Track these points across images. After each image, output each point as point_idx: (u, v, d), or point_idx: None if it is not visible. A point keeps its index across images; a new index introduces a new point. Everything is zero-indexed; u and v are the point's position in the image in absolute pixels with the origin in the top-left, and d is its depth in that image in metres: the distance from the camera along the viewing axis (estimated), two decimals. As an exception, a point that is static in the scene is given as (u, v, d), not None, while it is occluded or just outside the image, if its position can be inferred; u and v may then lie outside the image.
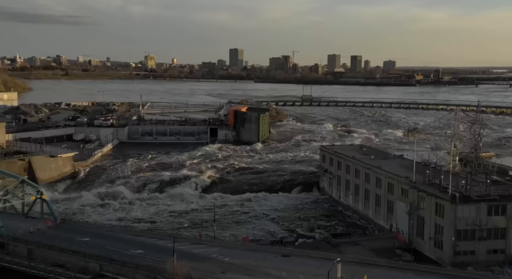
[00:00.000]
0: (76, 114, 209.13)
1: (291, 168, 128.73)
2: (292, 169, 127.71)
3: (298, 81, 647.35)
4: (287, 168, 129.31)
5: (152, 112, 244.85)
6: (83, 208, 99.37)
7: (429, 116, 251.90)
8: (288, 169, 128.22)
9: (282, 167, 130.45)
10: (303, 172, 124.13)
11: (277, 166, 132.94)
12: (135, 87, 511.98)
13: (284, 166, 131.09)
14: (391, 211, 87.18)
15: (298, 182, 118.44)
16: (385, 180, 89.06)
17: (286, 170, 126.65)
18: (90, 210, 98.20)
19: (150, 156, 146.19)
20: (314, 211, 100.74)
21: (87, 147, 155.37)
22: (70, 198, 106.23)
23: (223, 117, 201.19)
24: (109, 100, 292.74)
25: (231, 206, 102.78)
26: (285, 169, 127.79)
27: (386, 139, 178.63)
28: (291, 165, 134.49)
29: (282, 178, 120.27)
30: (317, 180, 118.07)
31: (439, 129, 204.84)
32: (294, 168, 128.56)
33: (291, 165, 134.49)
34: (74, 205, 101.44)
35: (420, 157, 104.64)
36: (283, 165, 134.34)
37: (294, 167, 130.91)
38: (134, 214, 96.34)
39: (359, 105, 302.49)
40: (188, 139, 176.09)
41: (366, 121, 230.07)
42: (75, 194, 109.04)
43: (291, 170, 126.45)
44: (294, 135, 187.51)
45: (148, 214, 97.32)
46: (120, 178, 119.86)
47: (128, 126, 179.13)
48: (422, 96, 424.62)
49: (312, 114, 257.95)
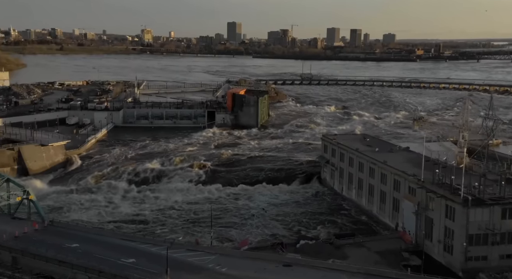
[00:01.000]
0: (70, 96, 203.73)
1: (291, 157, 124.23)
2: (292, 158, 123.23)
3: (296, 56, 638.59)
4: (287, 156, 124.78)
5: (148, 93, 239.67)
6: (72, 203, 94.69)
7: (431, 96, 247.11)
8: (288, 157, 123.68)
9: (281, 155, 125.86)
10: (303, 162, 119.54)
11: (276, 154, 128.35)
12: (131, 64, 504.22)
13: (284, 155, 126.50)
14: (397, 210, 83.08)
15: (298, 173, 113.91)
16: (391, 176, 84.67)
17: (285, 159, 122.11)
18: (80, 206, 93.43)
19: (145, 143, 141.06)
20: (315, 206, 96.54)
21: (80, 133, 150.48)
22: (59, 191, 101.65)
23: (221, 99, 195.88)
24: (104, 78, 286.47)
25: (228, 201, 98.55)
26: (284, 158, 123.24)
27: (389, 123, 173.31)
28: (291, 153, 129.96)
29: (282, 168, 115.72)
30: (318, 170, 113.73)
31: (444, 110, 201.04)
32: (294, 157, 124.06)
33: (291, 153, 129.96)
34: (63, 200, 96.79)
35: (427, 149, 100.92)
36: (282, 153, 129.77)
37: (294, 155, 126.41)
38: (125, 210, 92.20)
39: (359, 84, 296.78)
40: (184, 123, 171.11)
41: (367, 102, 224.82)
42: (64, 187, 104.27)
43: (291, 159, 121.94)
44: (293, 118, 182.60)
45: (140, 210, 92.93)
46: (112, 168, 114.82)
47: (123, 109, 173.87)
48: (423, 73, 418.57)
49: (311, 94, 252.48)
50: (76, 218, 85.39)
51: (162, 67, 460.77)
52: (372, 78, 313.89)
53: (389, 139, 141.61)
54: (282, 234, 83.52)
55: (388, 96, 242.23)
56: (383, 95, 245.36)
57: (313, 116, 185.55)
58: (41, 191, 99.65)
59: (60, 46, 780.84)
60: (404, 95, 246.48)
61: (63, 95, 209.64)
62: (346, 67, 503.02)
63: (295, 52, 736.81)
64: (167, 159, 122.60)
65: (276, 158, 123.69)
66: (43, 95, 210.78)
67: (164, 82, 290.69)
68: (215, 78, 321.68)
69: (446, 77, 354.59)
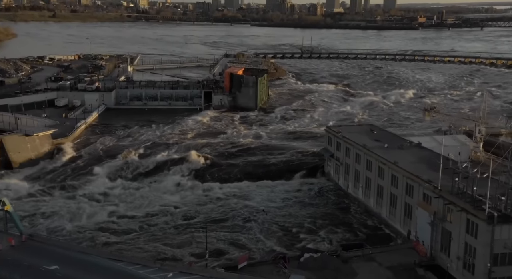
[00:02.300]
0: (60, 73, 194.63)
1: (291, 146, 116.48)
2: (293, 147, 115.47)
3: (295, 25, 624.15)
4: (288, 146, 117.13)
5: (142, 69, 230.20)
6: (53, 206, 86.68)
7: (437, 71, 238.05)
8: (289, 147, 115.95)
9: (281, 144, 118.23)
10: (305, 152, 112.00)
11: (276, 143, 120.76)
12: (125, 33, 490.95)
13: (284, 144, 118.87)
14: (410, 216, 76.26)
15: (300, 165, 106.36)
16: (403, 179, 77.50)
17: (286, 149, 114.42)
18: (60, 210, 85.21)
19: (137, 129, 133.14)
20: (319, 207, 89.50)
21: (69, 116, 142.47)
22: (39, 192, 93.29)
23: (218, 77, 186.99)
24: (97, 51, 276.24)
25: (225, 200, 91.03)
26: (285, 148, 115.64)
27: (395, 105, 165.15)
28: (292, 142, 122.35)
29: (282, 160, 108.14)
30: (321, 163, 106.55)
31: (453, 88, 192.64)
32: (295, 146, 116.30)
33: (292, 142, 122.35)
34: (43, 203, 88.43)
35: (439, 145, 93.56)
36: (283, 141, 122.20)
37: (295, 145, 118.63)
38: (110, 215, 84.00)
39: (361, 57, 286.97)
40: (180, 104, 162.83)
41: (370, 79, 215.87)
42: (45, 187, 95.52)
43: (292, 149, 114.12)
44: (294, 98, 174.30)
45: (127, 212, 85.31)
46: (99, 162, 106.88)
47: (116, 89, 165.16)
48: (426, 44, 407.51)
49: (312, 69, 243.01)
50: (57, 226, 78.17)
51: (157, 37, 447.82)
52: (374, 51, 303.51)
53: (397, 126, 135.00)
54: (283, 241, 76.98)
55: (392, 71, 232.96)
56: (386, 70, 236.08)
57: (314, 96, 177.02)
58: (19, 192, 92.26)
59: (53, 13, 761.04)
60: (408, 70, 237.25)
61: (53, 72, 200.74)
62: (346, 36, 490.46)
63: (294, 19, 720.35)
64: (160, 149, 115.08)
65: (275, 148, 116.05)
66: (32, 72, 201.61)
67: (159, 55, 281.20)
68: (213, 50, 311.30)
69: (450, 49, 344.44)
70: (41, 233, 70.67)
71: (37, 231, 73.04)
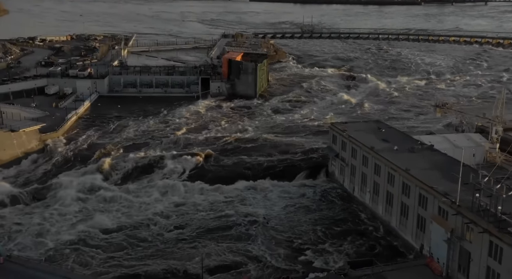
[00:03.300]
0: (51, 57, 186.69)
1: (293, 141, 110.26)
2: (295, 143, 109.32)
3: (295, 0, 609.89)
4: (289, 141, 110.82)
5: (137, 51, 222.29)
6: (35, 216, 80.00)
7: (442, 53, 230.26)
8: (290, 142, 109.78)
9: (282, 140, 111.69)
10: (308, 149, 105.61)
11: (276, 137, 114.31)
12: (120, 9, 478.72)
13: (285, 139, 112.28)
14: (423, 229, 70.62)
15: (302, 164, 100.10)
16: (415, 189, 71.59)
17: (287, 145, 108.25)
18: (42, 220, 78.24)
19: (131, 122, 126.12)
20: (324, 214, 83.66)
21: (60, 106, 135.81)
22: (21, 197, 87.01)
23: (216, 60, 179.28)
24: (91, 30, 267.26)
25: (221, 207, 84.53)
26: (286, 143, 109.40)
27: (401, 92, 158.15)
28: (293, 135, 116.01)
29: (283, 158, 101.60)
30: (325, 162, 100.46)
31: (461, 73, 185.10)
32: (296, 141, 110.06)
33: (293, 135, 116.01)
34: (24, 213, 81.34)
35: (452, 145, 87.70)
36: (283, 135, 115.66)
37: (296, 139, 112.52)
38: (93, 225, 76.97)
39: (363, 37, 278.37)
40: (176, 91, 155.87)
41: (374, 62, 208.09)
42: (29, 188, 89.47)
43: (293, 145, 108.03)
44: (294, 85, 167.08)
45: (113, 221, 78.66)
46: (85, 161, 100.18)
47: (109, 76, 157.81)
48: (429, 21, 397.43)
49: (313, 51, 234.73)
50: (36, 241, 72.23)
51: (153, 14, 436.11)
52: (376, 30, 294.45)
53: (403, 119, 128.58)
54: (286, 256, 71.49)
55: (396, 54, 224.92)
56: (390, 53, 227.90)
57: (315, 82, 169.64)
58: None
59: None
60: (412, 52, 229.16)
61: (44, 55, 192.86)
62: (347, 13, 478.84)
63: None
64: (152, 146, 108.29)
65: (276, 144, 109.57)
66: (22, 55, 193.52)
67: (155, 35, 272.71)
68: (211, 29, 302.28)
69: (455, 27, 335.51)
70: (21, 254, 64.60)
71: (17, 249, 67.26)
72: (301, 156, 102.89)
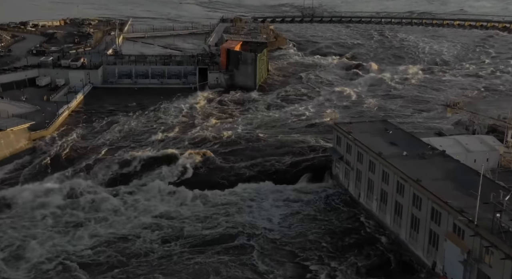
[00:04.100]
0: (43, 44, 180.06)
1: (294, 140, 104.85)
2: (296, 141, 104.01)
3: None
4: (290, 139, 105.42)
5: (133, 37, 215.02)
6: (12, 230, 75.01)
7: (448, 38, 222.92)
8: (291, 141, 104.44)
9: (283, 138, 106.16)
10: (310, 149, 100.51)
11: (275, 135, 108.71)
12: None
13: (285, 137, 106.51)
14: (435, 246, 66.05)
15: (304, 165, 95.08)
16: (427, 202, 66.81)
17: (287, 144, 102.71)
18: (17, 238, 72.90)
19: (123, 117, 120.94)
20: (329, 224, 78.90)
21: (52, 100, 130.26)
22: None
23: (214, 48, 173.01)
24: (86, 13, 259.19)
25: (216, 216, 79.43)
26: (287, 142, 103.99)
27: (406, 83, 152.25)
28: (295, 132, 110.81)
29: (283, 159, 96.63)
30: (329, 163, 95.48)
31: (467, 61, 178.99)
32: (297, 140, 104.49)
33: (295, 132, 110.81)
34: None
35: (464, 149, 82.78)
36: (282, 133, 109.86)
37: (298, 136, 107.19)
38: (77, 239, 72.17)
39: (365, 21, 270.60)
40: (173, 82, 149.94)
41: (376, 49, 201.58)
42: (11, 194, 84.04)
43: (294, 144, 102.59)
44: (295, 74, 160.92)
45: (101, 237, 73.12)
46: (71, 163, 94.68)
47: (103, 66, 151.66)
48: (431, 3, 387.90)
49: (314, 36, 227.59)
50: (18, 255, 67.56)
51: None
52: (379, 14, 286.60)
53: (409, 114, 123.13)
54: (289, 271, 67.16)
55: (399, 40, 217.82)
56: (393, 38, 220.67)
57: (317, 72, 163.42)
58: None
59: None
60: (416, 37, 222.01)
61: (36, 42, 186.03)
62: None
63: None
64: (144, 145, 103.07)
65: (275, 143, 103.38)
66: (13, 42, 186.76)
67: (152, 19, 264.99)
68: (209, 13, 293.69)
69: (459, 9, 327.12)
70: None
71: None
72: (303, 157, 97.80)
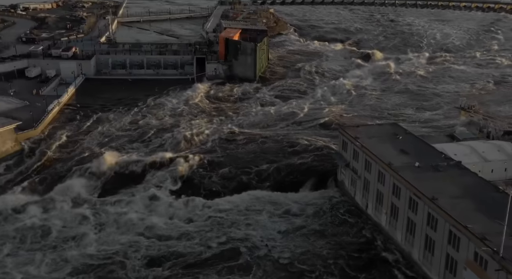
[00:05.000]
0: (33, 31, 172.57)
1: (297, 141, 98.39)
2: (299, 143, 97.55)
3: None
4: (292, 140, 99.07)
5: (128, 21, 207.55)
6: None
7: (454, 22, 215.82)
8: (293, 142, 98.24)
9: (285, 139, 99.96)
10: (313, 152, 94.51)
11: (277, 133, 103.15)
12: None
13: (288, 137, 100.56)
14: (453, 272, 60.74)
15: (307, 171, 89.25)
16: (444, 224, 61.32)
17: (290, 144, 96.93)
18: None
19: (114, 113, 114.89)
20: (335, 239, 73.37)
21: (41, 93, 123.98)
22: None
23: (212, 35, 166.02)
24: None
25: (214, 230, 73.88)
26: (289, 143, 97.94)
27: (410, 75, 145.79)
28: (297, 132, 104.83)
29: (285, 163, 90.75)
30: (333, 169, 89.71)
31: (475, 48, 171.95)
32: (301, 141, 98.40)
33: (297, 132, 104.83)
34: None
35: (479, 156, 77.23)
36: (285, 131, 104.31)
37: (298, 136, 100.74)
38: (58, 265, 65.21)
39: (368, 2, 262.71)
40: (169, 73, 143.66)
41: (380, 34, 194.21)
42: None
43: (297, 145, 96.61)
44: (296, 64, 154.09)
45: (84, 258, 66.61)
46: (58, 171, 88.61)
47: (96, 56, 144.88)
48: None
49: (315, 20, 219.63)
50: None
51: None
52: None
53: (417, 113, 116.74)
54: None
55: (404, 24, 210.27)
56: (397, 23, 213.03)
57: (318, 62, 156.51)
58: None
59: None
60: (422, 22, 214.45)
61: (26, 28, 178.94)
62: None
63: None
64: (136, 149, 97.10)
65: (278, 142, 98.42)
66: (2, 28, 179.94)
67: (148, 1, 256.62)
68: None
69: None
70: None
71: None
72: (306, 161, 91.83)
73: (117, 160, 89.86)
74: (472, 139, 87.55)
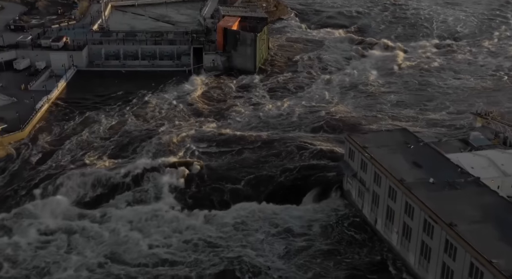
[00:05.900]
0: (22, 18, 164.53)
1: (300, 144, 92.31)
2: (302, 146, 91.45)
3: None
4: (295, 143, 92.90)
5: (122, 5, 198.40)
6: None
7: (462, 5, 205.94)
8: (296, 145, 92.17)
9: (287, 143, 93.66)
10: (317, 156, 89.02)
11: (279, 135, 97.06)
12: None
13: (290, 141, 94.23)
14: (472, 305, 55.92)
15: (310, 180, 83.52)
16: (464, 254, 56.11)
17: (293, 150, 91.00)
18: None
19: (106, 112, 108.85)
20: (343, 258, 68.56)
21: (30, 88, 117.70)
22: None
23: (210, 22, 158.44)
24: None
25: (210, 250, 68.74)
26: (291, 147, 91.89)
27: (419, 66, 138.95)
28: (299, 133, 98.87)
29: (285, 170, 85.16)
30: (338, 177, 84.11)
31: (486, 34, 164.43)
32: (304, 145, 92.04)
33: (299, 133, 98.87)
34: None
35: (497, 170, 71.77)
36: (283, 135, 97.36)
37: (303, 139, 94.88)
38: None
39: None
40: (165, 64, 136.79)
41: (384, 20, 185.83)
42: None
43: (300, 150, 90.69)
44: (297, 54, 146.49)
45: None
46: (38, 182, 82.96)
47: (88, 46, 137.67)
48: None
49: (317, 4, 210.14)
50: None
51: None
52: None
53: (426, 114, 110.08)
54: None
55: (410, 8, 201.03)
56: (403, 7, 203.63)
57: (321, 51, 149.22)
58: None
59: None
60: (429, 5, 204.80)
61: (15, 13, 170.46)
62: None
63: None
64: (134, 149, 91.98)
65: (280, 146, 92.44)
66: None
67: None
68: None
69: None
70: None
71: None
72: (309, 168, 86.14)
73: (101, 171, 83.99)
74: (488, 146, 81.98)
